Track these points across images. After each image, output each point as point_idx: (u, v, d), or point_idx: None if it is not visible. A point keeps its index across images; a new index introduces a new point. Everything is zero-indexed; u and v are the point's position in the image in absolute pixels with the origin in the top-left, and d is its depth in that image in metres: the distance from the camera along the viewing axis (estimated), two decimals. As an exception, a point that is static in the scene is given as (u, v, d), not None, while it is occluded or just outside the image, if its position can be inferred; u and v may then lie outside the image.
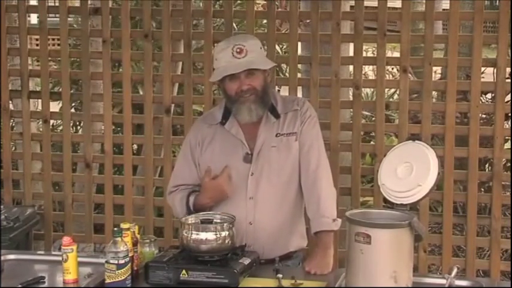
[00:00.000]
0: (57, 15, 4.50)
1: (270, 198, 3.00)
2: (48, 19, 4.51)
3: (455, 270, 2.59)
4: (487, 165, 5.03)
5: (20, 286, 2.64)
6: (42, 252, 4.28)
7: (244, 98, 2.96)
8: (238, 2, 5.52)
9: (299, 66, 4.60)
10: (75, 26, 5.44)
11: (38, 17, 4.54)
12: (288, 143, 3.03)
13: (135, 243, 2.72)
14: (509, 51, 4.17)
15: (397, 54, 4.34)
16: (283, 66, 6.20)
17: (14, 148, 4.86)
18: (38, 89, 4.67)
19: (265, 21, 4.95)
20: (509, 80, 4.16)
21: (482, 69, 4.22)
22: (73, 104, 5.20)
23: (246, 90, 2.95)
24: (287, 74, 4.82)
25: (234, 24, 5.13)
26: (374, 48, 4.29)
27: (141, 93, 4.75)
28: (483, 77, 4.34)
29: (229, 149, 3.04)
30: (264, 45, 3.68)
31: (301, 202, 3.08)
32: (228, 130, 3.06)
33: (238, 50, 2.95)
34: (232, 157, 3.03)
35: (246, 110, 2.97)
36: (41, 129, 4.66)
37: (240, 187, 2.99)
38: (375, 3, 4.15)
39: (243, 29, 4.75)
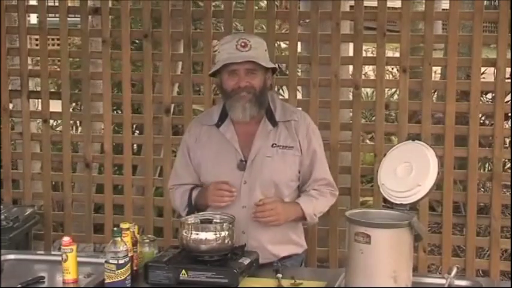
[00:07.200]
0: (57, 15, 4.51)
1: None
2: (48, 19, 4.51)
3: (455, 270, 2.59)
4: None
5: (19, 286, 2.65)
6: (42, 252, 4.27)
7: (240, 95, 2.94)
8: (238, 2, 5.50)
9: (299, 66, 4.60)
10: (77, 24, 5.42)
11: (37, 17, 4.53)
12: (284, 156, 3.01)
13: (134, 243, 2.73)
14: (509, 51, 4.17)
15: (397, 54, 4.34)
16: (283, 66, 6.19)
17: (13, 148, 4.86)
18: (38, 89, 4.67)
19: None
20: (509, 80, 4.16)
21: (482, 69, 4.22)
22: (73, 104, 5.20)
23: (244, 88, 2.94)
24: (287, 72, 4.80)
25: (238, 24, 5.12)
26: (374, 48, 4.29)
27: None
28: (483, 77, 4.33)
29: (223, 153, 3.03)
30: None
31: None
32: (223, 134, 3.04)
33: (242, 44, 2.94)
34: (226, 162, 3.01)
35: (240, 107, 2.96)
36: (40, 129, 4.66)
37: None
38: (375, 3, 4.14)
39: (243, 29, 4.74)
